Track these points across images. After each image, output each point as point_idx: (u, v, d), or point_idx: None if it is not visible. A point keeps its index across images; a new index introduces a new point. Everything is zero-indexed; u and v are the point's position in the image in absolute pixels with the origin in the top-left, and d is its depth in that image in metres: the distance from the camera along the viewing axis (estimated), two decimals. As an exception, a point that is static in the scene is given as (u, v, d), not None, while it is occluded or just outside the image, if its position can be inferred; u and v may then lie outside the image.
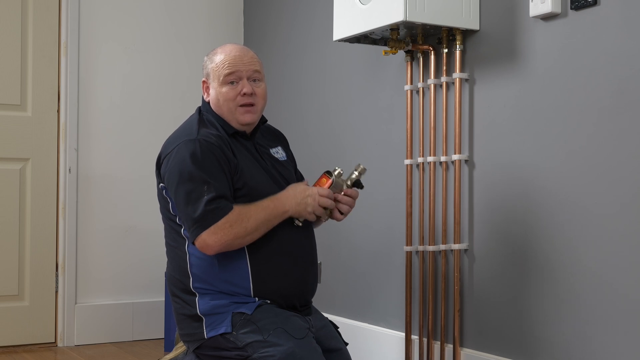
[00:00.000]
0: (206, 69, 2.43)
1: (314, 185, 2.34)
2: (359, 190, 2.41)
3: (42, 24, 3.88)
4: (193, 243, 2.25)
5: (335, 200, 2.36)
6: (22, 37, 3.85)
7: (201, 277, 2.30)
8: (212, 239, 2.20)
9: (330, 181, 2.32)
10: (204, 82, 2.44)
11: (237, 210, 2.23)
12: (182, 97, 4.15)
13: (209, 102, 2.42)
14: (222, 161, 2.26)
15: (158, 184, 2.37)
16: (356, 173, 2.39)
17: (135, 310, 4.02)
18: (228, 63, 2.36)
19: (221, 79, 2.36)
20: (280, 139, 2.58)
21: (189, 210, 2.22)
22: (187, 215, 2.23)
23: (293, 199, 2.28)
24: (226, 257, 2.28)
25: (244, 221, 2.21)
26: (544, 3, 2.53)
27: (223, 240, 2.21)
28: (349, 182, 2.38)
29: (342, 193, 2.36)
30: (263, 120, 2.49)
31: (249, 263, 2.29)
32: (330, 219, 2.43)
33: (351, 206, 2.40)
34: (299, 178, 2.55)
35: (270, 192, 2.32)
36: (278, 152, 2.50)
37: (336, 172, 2.34)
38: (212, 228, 2.20)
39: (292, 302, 2.33)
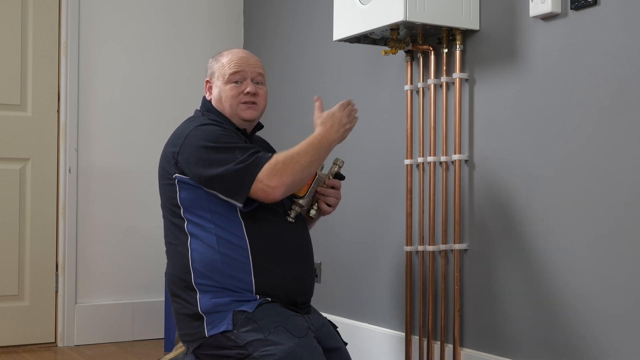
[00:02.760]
0: (211, 69, 2.51)
1: None
2: (342, 181, 2.52)
3: (42, 24, 3.88)
4: (250, 199, 2.24)
5: (321, 194, 2.46)
6: (22, 37, 3.85)
7: (203, 272, 2.31)
8: (272, 181, 2.21)
9: (314, 175, 2.42)
10: (207, 81, 2.52)
11: (281, 153, 2.27)
12: (182, 97, 4.15)
13: (210, 101, 2.48)
14: (237, 137, 2.35)
15: (172, 174, 2.36)
16: (336, 167, 2.50)
17: (135, 310, 4.02)
18: (234, 63, 2.45)
19: (226, 77, 2.44)
20: (271, 150, 2.64)
21: (230, 172, 2.22)
22: (230, 179, 2.23)
23: (331, 128, 2.36)
24: (228, 253, 2.30)
25: (295, 158, 2.25)
26: (544, 3, 2.54)
27: (283, 179, 2.22)
28: (330, 176, 2.49)
29: (326, 185, 2.46)
30: (260, 125, 2.59)
31: (250, 258, 2.31)
32: (320, 216, 2.52)
33: (337, 197, 2.50)
34: None
35: None
36: None
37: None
38: (266, 171, 2.21)
39: (293, 298, 2.35)
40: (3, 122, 3.81)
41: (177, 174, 2.34)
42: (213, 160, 2.26)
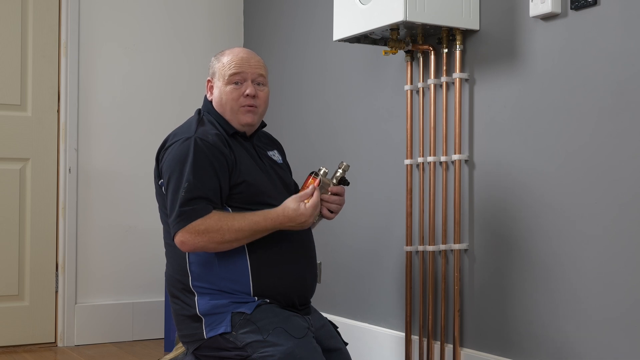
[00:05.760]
0: (212, 68, 2.47)
1: (302, 187, 2.36)
2: (346, 186, 2.45)
3: (42, 24, 3.88)
4: (173, 240, 2.29)
5: (324, 200, 2.38)
6: (22, 37, 3.85)
7: (201, 275, 2.31)
8: (185, 237, 2.24)
9: (317, 182, 2.36)
10: (208, 81, 2.48)
11: (217, 216, 2.24)
12: (182, 97, 4.15)
13: (211, 102, 2.45)
14: (215, 161, 2.28)
15: (157, 181, 2.39)
16: (340, 171, 2.43)
17: (135, 310, 4.02)
18: (235, 64, 2.41)
19: (226, 78, 2.40)
20: (277, 146, 2.63)
21: (172, 207, 2.27)
22: (170, 212, 2.28)
23: (288, 223, 2.28)
24: (226, 255, 2.30)
25: (223, 229, 2.23)
26: (544, 3, 2.53)
27: (196, 241, 2.23)
28: (334, 181, 2.42)
29: (329, 192, 2.38)
30: (263, 124, 2.53)
31: (248, 260, 2.30)
32: (322, 219, 2.46)
33: (340, 204, 2.43)
34: (294, 190, 2.55)
35: (268, 191, 2.35)
36: (275, 155, 2.54)
37: (321, 172, 2.38)
38: (187, 227, 2.23)
39: (292, 300, 2.34)
40: (3, 122, 3.81)
41: (161, 180, 2.36)
42: (169, 187, 2.29)
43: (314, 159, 3.63)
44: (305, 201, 2.30)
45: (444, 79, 2.92)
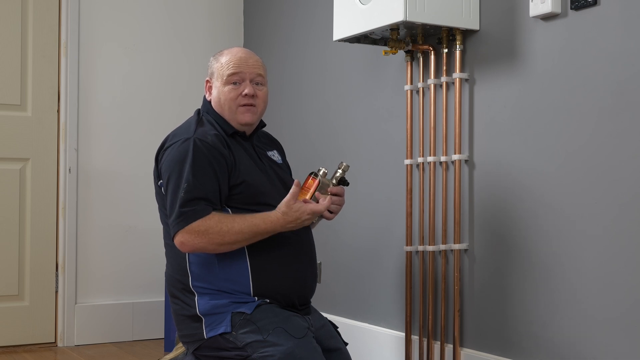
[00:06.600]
0: (211, 68, 2.47)
1: (302, 187, 2.35)
2: (346, 187, 2.45)
3: (42, 24, 3.88)
4: (173, 240, 2.29)
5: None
6: (22, 37, 3.85)
7: (200, 275, 2.31)
8: (185, 238, 2.23)
9: (317, 182, 2.36)
10: (207, 81, 2.48)
11: (217, 217, 2.24)
12: (182, 97, 4.15)
13: (210, 102, 2.45)
14: (215, 161, 2.28)
15: (157, 181, 2.39)
16: (340, 171, 2.43)
17: (135, 310, 4.02)
18: (233, 64, 2.40)
19: (225, 78, 2.40)
20: (276, 145, 2.63)
21: (171, 208, 2.27)
22: (170, 212, 2.28)
23: (289, 225, 2.28)
24: (226, 255, 2.30)
25: (223, 231, 2.23)
26: (544, 3, 2.54)
27: (195, 242, 2.23)
28: (334, 181, 2.42)
29: (329, 192, 2.39)
30: (262, 124, 2.52)
31: (248, 261, 2.30)
32: (321, 220, 2.46)
33: (340, 204, 2.44)
34: None
35: (268, 191, 2.35)
36: (274, 155, 2.54)
37: (321, 172, 2.38)
38: (187, 228, 2.23)
39: (292, 300, 2.34)
40: (3, 122, 3.81)
41: (161, 180, 2.35)
42: (168, 188, 2.29)
43: (314, 159, 3.63)
44: (306, 198, 2.31)
45: (444, 79, 2.92)
